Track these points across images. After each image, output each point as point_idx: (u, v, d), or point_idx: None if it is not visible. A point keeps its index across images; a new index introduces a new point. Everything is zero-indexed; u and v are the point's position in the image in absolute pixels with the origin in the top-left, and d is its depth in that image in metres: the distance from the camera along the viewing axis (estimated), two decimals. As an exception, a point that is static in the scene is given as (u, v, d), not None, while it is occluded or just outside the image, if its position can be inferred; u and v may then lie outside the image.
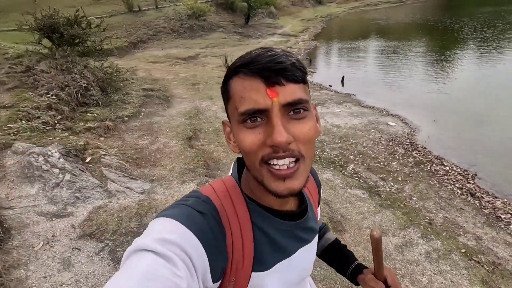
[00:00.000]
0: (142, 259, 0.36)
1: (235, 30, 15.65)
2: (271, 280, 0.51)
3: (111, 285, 0.33)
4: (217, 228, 0.46)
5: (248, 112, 0.42)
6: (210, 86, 7.48)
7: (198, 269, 0.40)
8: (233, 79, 0.45)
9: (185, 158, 3.37)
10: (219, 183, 0.53)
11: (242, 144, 0.44)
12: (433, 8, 24.12)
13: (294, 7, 25.46)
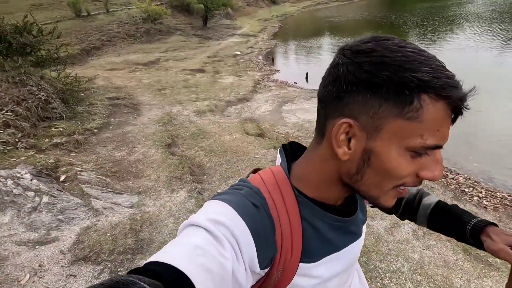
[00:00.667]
0: (195, 234, 0.38)
1: (194, 32, 15.37)
2: (318, 270, 0.51)
3: (165, 251, 0.36)
4: (267, 220, 0.46)
5: (435, 147, 0.40)
6: (178, 90, 7.29)
7: (244, 254, 0.40)
8: (432, 98, 0.37)
9: (169, 166, 3.27)
10: (269, 174, 0.52)
11: (398, 171, 0.41)
12: (378, 5, 25.96)
13: (250, 7, 25.71)
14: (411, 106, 0.37)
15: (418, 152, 0.40)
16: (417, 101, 0.37)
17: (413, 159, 0.40)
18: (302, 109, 6.09)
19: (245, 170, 3.48)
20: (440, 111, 0.37)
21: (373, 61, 0.38)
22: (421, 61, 0.36)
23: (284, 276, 0.49)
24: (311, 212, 0.50)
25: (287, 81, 8.52)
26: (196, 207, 2.58)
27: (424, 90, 0.37)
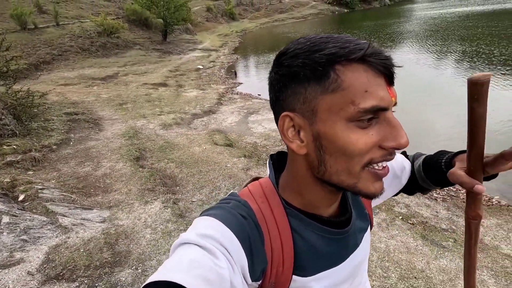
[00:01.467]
0: (188, 250, 0.38)
1: (154, 47, 15.14)
2: (316, 285, 0.48)
3: (161, 271, 0.36)
4: (256, 231, 0.45)
5: (373, 109, 0.38)
6: (140, 104, 7.12)
7: (237, 264, 0.41)
8: (347, 66, 0.39)
9: (140, 179, 3.19)
10: (256, 186, 0.51)
11: (350, 146, 0.39)
12: (330, 23, 28.03)
13: (209, 23, 26.07)
14: (330, 79, 0.39)
15: (363, 120, 0.39)
16: (332, 73, 0.38)
17: (364, 130, 0.39)
18: (267, 119, 6.30)
19: (217, 179, 3.52)
20: (359, 73, 0.38)
21: (288, 56, 0.41)
22: (328, 41, 0.39)
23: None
24: (302, 223, 0.48)
25: (251, 93, 8.75)
26: (173, 217, 2.56)
27: (334, 61, 0.38)
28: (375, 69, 0.39)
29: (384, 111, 0.39)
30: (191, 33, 20.04)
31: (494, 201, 3.28)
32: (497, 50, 9.54)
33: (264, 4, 38.24)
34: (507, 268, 2.28)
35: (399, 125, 0.39)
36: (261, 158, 4.35)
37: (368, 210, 0.57)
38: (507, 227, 2.80)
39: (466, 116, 0.40)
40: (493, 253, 2.44)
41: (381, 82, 0.39)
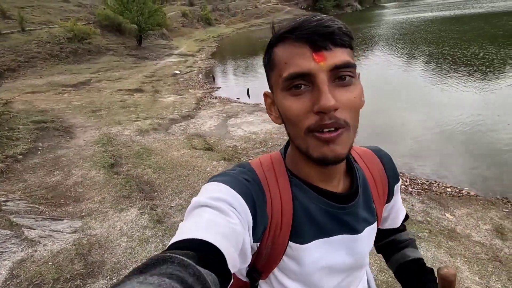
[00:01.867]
0: (203, 211, 0.41)
1: (128, 52, 14.77)
2: (309, 257, 0.50)
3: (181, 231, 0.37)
4: (260, 194, 0.48)
5: (291, 76, 0.42)
6: (115, 111, 6.88)
7: (245, 223, 0.43)
8: (277, 47, 0.45)
9: (115, 186, 3.05)
10: (266, 157, 0.55)
11: (287, 112, 0.44)
12: (305, 28, 28.64)
13: (185, 28, 25.87)
14: (271, 60, 0.46)
15: (291, 89, 0.43)
16: (272, 55, 0.46)
17: (296, 97, 0.43)
18: (247, 123, 6.29)
19: (197, 183, 3.45)
20: (283, 49, 0.43)
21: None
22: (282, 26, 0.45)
23: (273, 252, 0.50)
24: (303, 192, 0.50)
25: (230, 97, 8.72)
26: (151, 223, 2.46)
27: (272, 44, 0.46)
28: (296, 42, 0.42)
29: (313, 77, 0.41)
30: (167, 38, 19.76)
31: (464, 192, 3.44)
32: (460, 52, 10.15)
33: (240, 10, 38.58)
34: (478, 254, 2.39)
35: (325, 89, 0.40)
36: (241, 161, 4.32)
37: (376, 205, 0.58)
38: (477, 216, 2.95)
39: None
40: (465, 241, 2.54)
41: (303, 51, 0.41)
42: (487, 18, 17.94)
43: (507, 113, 5.31)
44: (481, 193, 3.43)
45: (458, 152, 4.41)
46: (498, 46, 10.24)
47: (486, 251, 2.43)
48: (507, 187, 3.52)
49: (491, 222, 2.85)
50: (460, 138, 4.78)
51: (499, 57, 8.86)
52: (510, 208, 3.12)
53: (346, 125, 0.42)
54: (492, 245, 2.55)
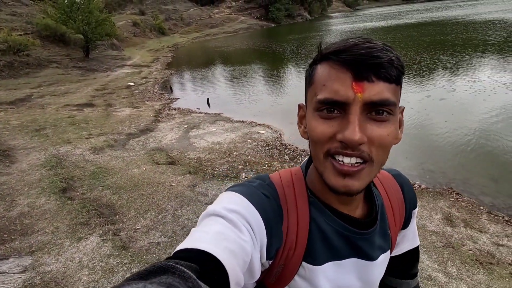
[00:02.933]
0: (215, 221, 0.40)
1: (74, 64, 13.73)
2: (322, 279, 0.49)
3: (190, 239, 0.37)
4: (277, 210, 0.47)
5: (326, 101, 0.41)
6: (63, 129, 6.32)
7: (258, 240, 0.42)
8: (320, 64, 0.44)
9: (69, 213, 2.77)
10: (287, 173, 0.54)
11: (312, 132, 0.43)
12: (259, 36, 29.41)
13: (137, 38, 24.89)
14: (311, 76, 0.45)
15: (323, 111, 0.42)
16: (313, 71, 0.45)
17: (325, 120, 0.42)
18: (209, 133, 6.20)
19: (162, 200, 3.29)
20: (324, 70, 0.42)
21: None
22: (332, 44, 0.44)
23: (285, 272, 0.49)
24: (321, 214, 0.49)
25: (190, 107, 8.54)
26: (115, 250, 2.27)
27: (317, 62, 0.45)
28: (338, 66, 0.40)
29: (347, 106, 0.40)
30: (118, 48, 18.81)
31: (416, 186, 3.76)
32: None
33: (194, 19, 38.31)
34: (434, 243, 2.61)
35: (354, 121, 0.39)
36: (207, 173, 4.23)
37: (391, 232, 0.56)
38: (429, 207, 3.23)
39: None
40: (422, 232, 2.77)
41: (344, 76, 0.40)
42: (418, 27, 20.15)
43: (443, 112, 5.97)
44: (430, 185, 3.78)
45: (407, 149, 4.82)
46: (430, 52, 11.51)
47: (440, 239, 2.67)
48: (450, 178, 3.93)
49: (441, 211, 3.15)
50: (406, 136, 5.23)
51: (432, 61, 9.97)
52: (455, 196, 3.48)
53: (369, 159, 0.41)
54: (444, 232, 2.81)
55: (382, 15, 37.11)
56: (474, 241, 2.66)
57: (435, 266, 2.32)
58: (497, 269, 2.31)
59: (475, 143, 4.70)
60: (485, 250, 2.55)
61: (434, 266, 2.33)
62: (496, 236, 2.74)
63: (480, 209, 3.20)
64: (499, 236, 2.74)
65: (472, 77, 7.76)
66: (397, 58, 0.40)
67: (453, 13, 26.31)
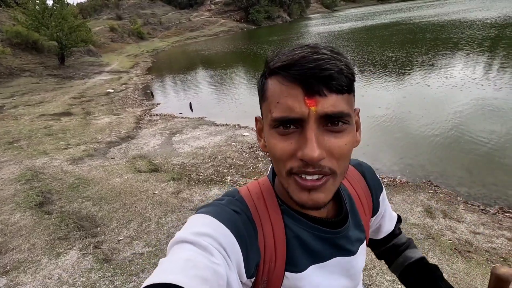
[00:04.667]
0: (183, 249, 0.39)
1: (49, 72, 13.26)
2: (307, 284, 0.49)
3: (157, 273, 0.35)
4: (250, 226, 0.46)
5: (282, 119, 0.40)
6: (38, 140, 6.07)
7: (233, 260, 0.41)
8: (271, 79, 0.42)
9: (47, 228, 2.65)
10: (255, 185, 0.53)
11: (273, 150, 0.42)
12: (240, 39, 29.46)
13: (115, 43, 24.33)
14: (263, 90, 0.44)
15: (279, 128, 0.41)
16: (265, 85, 0.43)
17: (283, 137, 0.41)
18: (193, 138, 6.13)
19: (146, 209, 3.22)
20: (276, 85, 0.41)
21: None
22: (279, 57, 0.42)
23: (269, 286, 0.48)
24: (295, 221, 0.49)
25: (172, 113, 8.42)
26: (96, 264, 2.19)
27: (265, 75, 0.44)
28: (288, 82, 0.39)
29: (301, 122, 0.39)
30: (95, 55, 18.31)
31: (397, 181, 3.87)
32: (377, 57, 11.52)
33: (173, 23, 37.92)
34: (415, 235, 2.69)
35: (311, 138, 0.38)
36: (191, 178, 4.18)
37: (363, 222, 0.57)
38: (410, 201, 3.33)
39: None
40: (404, 225, 2.85)
41: (296, 93, 0.39)
42: (391, 27, 20.83)
43: (419, 107, 6.18)
44: (410, 179, 3.90)
45: (386, 145, 4.96)
46: (405, 50, 11.92)
47: (421, 231, 2.76)
48: (429, 171, 4.07)
49: (422, 204, 3.25)
50: (385, 133, 5.39)
51: (407, 59, 10.32)
52: (434, 189, 3.61)
53: (331, 173, 0.41)
54: (425, 224, 2.90)
55: (358, 15, 38.12)
56: (453, 231, 2.76)
57: (417, 258, 2.39)
58: (474, 256, 2.41)
59: (449, 136, 4.90)
60: (463, 239, 2.65)
61: (416, 258, 2.39)
62: (473, 225, 2.86)
63: (457, 200, 3.33)
64: (476, 225, 2.85)
65: (444, 74, 8.09)
66: (347, 66, 0.40)
67: (424, 13, 27.40)
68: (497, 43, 10.71)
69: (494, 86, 6.64)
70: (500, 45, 10.36)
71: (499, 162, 4.05)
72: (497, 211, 3.11)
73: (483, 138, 4.65)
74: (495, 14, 18.47)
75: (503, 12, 18.91)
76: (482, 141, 4.57)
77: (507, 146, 4.37)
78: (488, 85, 6.76)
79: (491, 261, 2.36)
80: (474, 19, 17.61)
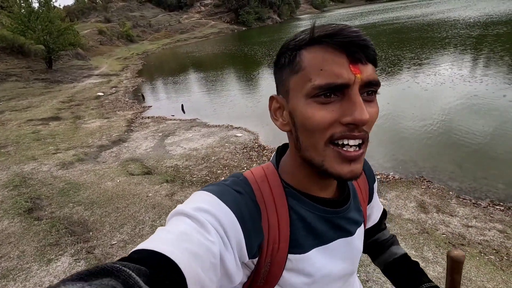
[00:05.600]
0: (180, 221, 0.39)
1: (36, 77, 12.98)
2: (308, 266, 0.49)
3: (151, 239, 0.36)
4: (253, 206, 0.46)
5: (328, 86, 0.40)
6: (26, 145, 5.93)
7: (232, 240, 0.41)
8: (308, 49, 0.42)
9: (37, 234, 2.58)
10: (259, 169, 0.53)
11: (309, 120, 0.42)
12: (231, 40, 29.46)
13: (104, 46, 24.02)
14: (295, 62, 0.43)
15: (320, 96, 0.41)
16: (298, 57, 0.43)
17: (323, 106, 0.41)
18: (186, 139, 6.08)
19: (139, 212, 3.17)
20: (316, 54, 0.41)
21: (280, 49, 0.47)
22: (304, 31, 0.44)
23: (273, 269, 0.47)
24: (298, 202, 0.49)
25: (163, 115, 8.34)
26: (89, 269, 2.14)
27: (299, 46, 0.43)
28: (334, 49, 0.40)
29: (346, 88, 0.40)
30: (84, 58, 18.03)
31: (391, 177, 3.91)
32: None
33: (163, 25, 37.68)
34: (410, 230, 2.71)
35: (359, 102, 0.40)
36: (185, 180, 4.14)
37: (362, 207, 0.59)
38: (403, 196, 3.36)
39: None
40: (399, 221, 2.87)
41: (340, 60, 0.40)
42: (379, 26, 21.13)
43: (409, 104, 6.28)
44: (403, 175, 3.94)
45: (379, 142, 5.00)
46: (394, 49, 12.10)
47: (415, 226, 2.78)
48: (421, 167, 4.12)
49: (415, 199, 3.29)
50: (377, 130, 5.44)
51: (396, 58, 10.47)
52: (426, 184, 3.66)
53: (367, 139, 0.43)
54: (419, 219, 2.93)
55: (347, 15, 38.57)
56: (446, 225, 2.80)
57: (412, 252, 2.41)
58: (468, 249, 2.44)
59: (440, 132, 4.98)
60: (457, 232, 2.69)
61: (412, 252, 2.42)
62: (465, 219, 2.90)
63: (450, 194, 3.38)
64: (468, 218, 2.90)
65: (433, 71, 8.23)
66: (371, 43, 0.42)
67: (411, 12, 27.89)
68: (481, 41, 10.97)
69: (481, 83, 6.79)
70: (484, 43, 10.61)
71: (488, 156, 4.14)
72: (488, 204, 3.17)
73: (472, 133, 4.75)
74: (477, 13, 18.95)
75: (485, 11, 19.42)
76: (472, 136, 4.66)
77: (495, 141, 4.46)
78: (475, 82, 6.90)
79: (484, 253, 2.40)
80: (458, 18, 18.02)
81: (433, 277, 2.12)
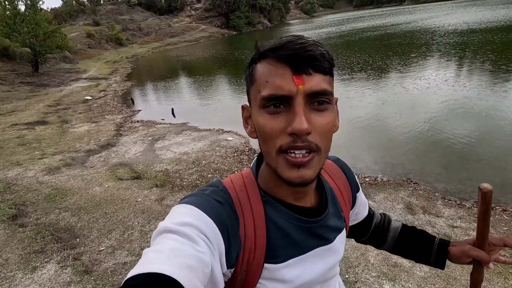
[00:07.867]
0: (167, 239, 0.38)
1: (22, 80, 12.70)
2: (286, 274, 0.49)
3: (142, 262, 0.35)
4: (232, 216, 0.47)
5: (271, 97, 0.42)
6: (11, 150, 5.78)
7: (216, 249, 0.41)
8: (260, 63, 0.45)
9: (21, 242, 2.51)
10: (238, 176, 0.54)
11: (262, 129, 0.44)
12: (221, 44, 29.50)
13: (92, 49, 23.69)
14: (252, 75, 0.47)
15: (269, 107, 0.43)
16: (253, 70, 0.46)
17: (272, 116, 0.43)
18: (176, 143, 6.03)
19: (128, 217, 3.12)
20: (264, 67, 0.44)
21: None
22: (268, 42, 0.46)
23: (248, 277, 0.48)
24: (276, 211, 0.50)
25: (153, 119, 8.26)
26: (76, 276, 2.09)
27: (255, 61, 0.47)
28: (278, 62, 0.42)
29: (290, 99, 0.42)
30: (72, 61, 17.74)
31: (379, 179, 3.98)
32: (355, 61, 11.87)
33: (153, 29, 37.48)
34: (398, 231, 2.76)
35: (299, 112, 0.41)
36: (175, 185, 4.10)
37: (344, 213, 0.60)
38: (391, 198, 3.43)
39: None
40: (387, 222, 2.92)
41: (284, 72, 0.42)
42: (367, 32, 21.59)
43: (396, 108, 6.41)
44: (391, 177, 4.02)
45: (367, 146, 5.09)
46: (381, 54, 12.37)
47: (403, 227, 2.84)
48: (408, 169, 4.21)
49: (402, 201, 3.36)
50: (365, 134, 5.54)
51: (383, 63, 10.72)
52: (413, 186, 3.73)
53: (317, 149, 0.43)
54: (407, 220, 2.99)
55: (335, 21, 39.27)
56: (433, 226, 2.86)
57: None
58: (453, 249, 2.50)
59: (425, 134, 5.11)
60: (443, 233, 2.75)
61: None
62: (451, 219, 2.97)
63: (435, 196, 3.46)
64: (453, 219, 2.97)
65: (418, 75, 8.46)
66: (327, 52, 0.44)
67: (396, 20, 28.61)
68: (464, 47, 11.34)
69: (464, 87, 7.01)
70: (466, 49, 10.97)
71: (472, 158, 4.26)
72: (472, 205, 3.26)
73: (457, 136, 4.89)
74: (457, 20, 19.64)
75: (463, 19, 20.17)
76: (457, 139, 4.80)
77: (479, 143, 4.61)
78: (458, 86, 7.13)
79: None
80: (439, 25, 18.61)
81: (420, 277, 2.17)
